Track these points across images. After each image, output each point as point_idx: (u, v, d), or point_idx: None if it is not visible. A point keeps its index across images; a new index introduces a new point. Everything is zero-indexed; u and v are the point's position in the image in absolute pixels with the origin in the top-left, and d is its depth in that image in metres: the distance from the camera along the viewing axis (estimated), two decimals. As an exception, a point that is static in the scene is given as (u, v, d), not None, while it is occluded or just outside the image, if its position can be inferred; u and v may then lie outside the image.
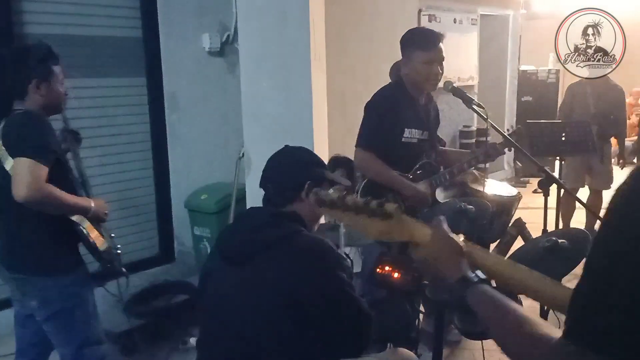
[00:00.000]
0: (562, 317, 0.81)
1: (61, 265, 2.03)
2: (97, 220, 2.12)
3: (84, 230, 1.99)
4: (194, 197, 4.09)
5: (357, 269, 2.59)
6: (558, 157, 3.84)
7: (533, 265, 1.55)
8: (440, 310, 2.09)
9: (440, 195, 2.73)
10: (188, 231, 4.18)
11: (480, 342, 2.99)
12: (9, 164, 1.91)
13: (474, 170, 2.92)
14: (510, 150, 2.69)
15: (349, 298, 1.51)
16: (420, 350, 2.47)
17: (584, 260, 1.44)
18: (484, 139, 6.00)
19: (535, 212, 4.40)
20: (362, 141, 2.60)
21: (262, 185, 1.70)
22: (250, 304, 1.49)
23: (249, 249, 1.54)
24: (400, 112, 2.60)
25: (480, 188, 2.91)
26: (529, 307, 2.09)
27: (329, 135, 3.64)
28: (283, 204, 1.63)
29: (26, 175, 1.84)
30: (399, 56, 3.67)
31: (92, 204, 2.07)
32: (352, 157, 2.78)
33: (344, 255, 1.73)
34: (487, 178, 3.03)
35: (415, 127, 2.63)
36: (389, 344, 2.25)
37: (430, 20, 5.31)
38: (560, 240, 1.49)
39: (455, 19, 5.64)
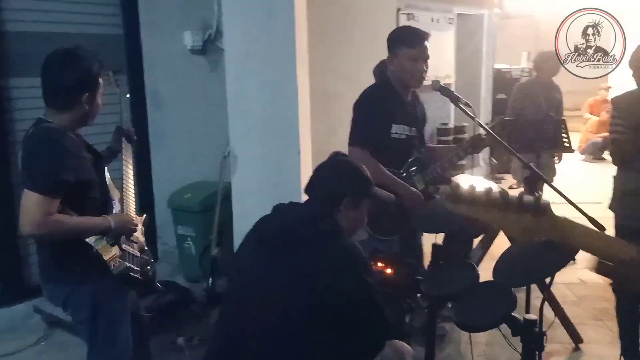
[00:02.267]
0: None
1: (90, 274, 1.97)
2: (124, 235, 2.05)
3: (96, 251, 1.91)
4: (177, 196, 4.06)
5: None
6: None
7: (529, 257, 1.62)
8: (432, 304, 2.16)
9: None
10: (171, 230, 4.15)
11: (467, 334, 3.08)
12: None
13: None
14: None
15: (373, 303, 1.57)
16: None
17: (578, 253, 1.49)
18: (462, 135, 6.13)
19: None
20: (357, 139, 2.60)
21: (306, 191, 1.76)
22: (277, 289, 1.54)
23: (286, 237, 1.59)
24: (387, 108, 2.64)
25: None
26: (522, 299, 2.15)
27: (312, 134, 3.66)
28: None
29: (33, 211, 1.78)
30: (379, 54, 3.67)
31: (111, 222, 1.97)
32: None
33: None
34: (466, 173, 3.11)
35: (403, 123, 2.68)
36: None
37: (408, 19, 5.37)
38: (555, 235, 1.55)
39: (432, 18, 5.72)
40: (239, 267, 1.73)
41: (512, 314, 1.67)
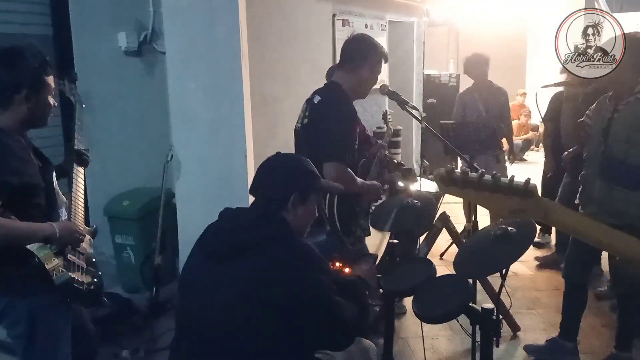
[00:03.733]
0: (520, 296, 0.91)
1: (29, 286, 1.85)
2: (70, 244, 1.94)
3: (38, 259, 1.80)
4: (114, 204, 3.89)
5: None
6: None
7: (486, 250, 1.71)
8: (389, 299, 2.22)
9: None
10: (108, 239, 3.97)
11: (415, 330, 3.18)
12: None
13: (403, 168, 3.09)
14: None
15: (330, 302, 1.55)
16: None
17: (531, 245, 1.60)
18: (398, 139, 6.33)
19: (455, 207, 4.72)
20: (337, 155, 2.39)
21: (251, 192, 1.70)
22: (231, 300, 1.49)
23: (234, 246, 1.54)
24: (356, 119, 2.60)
25: (410, 185, 3.11)
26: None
27: (252, 136, 3.64)
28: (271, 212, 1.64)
29: None
30: (315, 58, 3.68)
31: (56, 229, 1.85)
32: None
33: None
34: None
35: None
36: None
37: (344, 25, 5.48)
38: (509, 228, 1.65)
39: (366, 24, 5.86)
40: (189, 280, 1.67)
41: (470, 304, 1.76)
